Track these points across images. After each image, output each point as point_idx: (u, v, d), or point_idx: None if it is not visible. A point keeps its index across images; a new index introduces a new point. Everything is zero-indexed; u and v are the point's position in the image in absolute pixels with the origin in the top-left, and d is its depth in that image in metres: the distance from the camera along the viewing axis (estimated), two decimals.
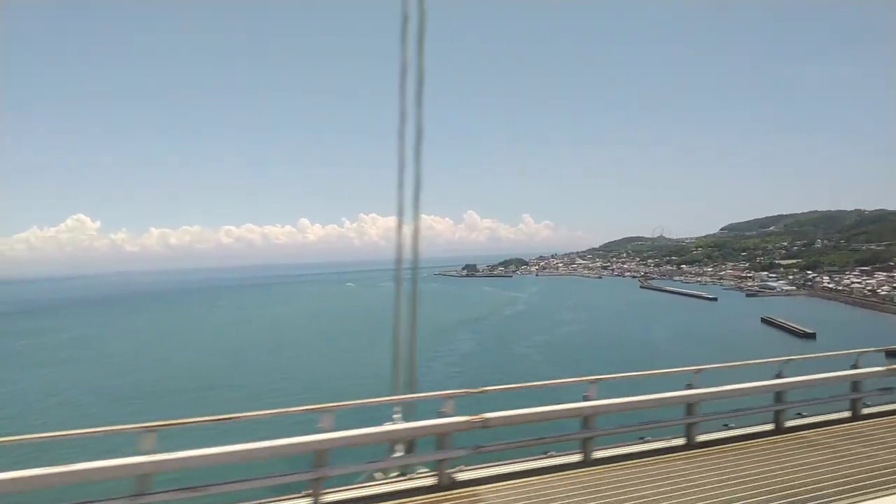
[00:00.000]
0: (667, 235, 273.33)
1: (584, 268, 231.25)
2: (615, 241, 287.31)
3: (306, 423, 6.74)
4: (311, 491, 6.53)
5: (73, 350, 75.31)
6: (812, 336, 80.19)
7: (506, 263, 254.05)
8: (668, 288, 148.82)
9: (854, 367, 10.29)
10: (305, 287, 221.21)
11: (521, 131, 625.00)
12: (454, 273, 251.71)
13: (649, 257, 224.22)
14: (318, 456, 6.53)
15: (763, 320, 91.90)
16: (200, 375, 54.68)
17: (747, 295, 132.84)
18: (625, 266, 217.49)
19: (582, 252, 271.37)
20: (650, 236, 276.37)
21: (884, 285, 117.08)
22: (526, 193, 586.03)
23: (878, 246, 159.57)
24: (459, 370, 60.68)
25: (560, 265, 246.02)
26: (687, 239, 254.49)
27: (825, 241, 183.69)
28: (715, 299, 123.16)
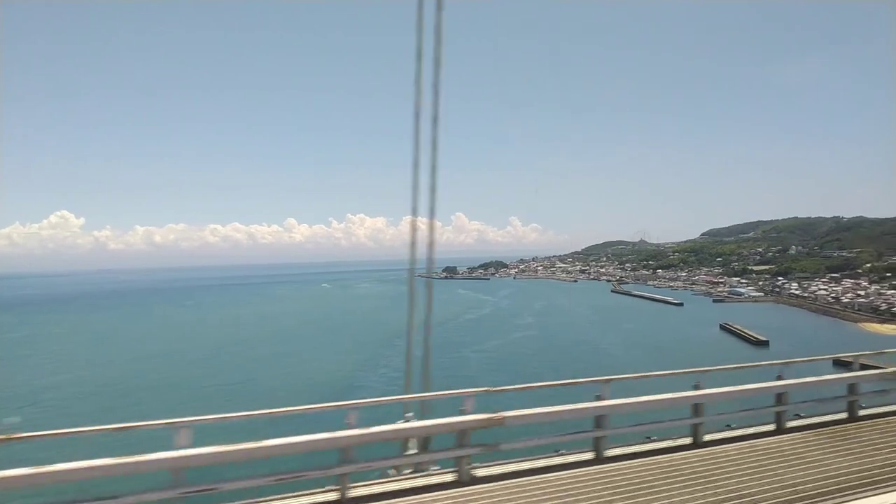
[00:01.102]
0: (648, 240, 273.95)
1: (562, 271, 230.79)
2: (597, 244, 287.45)
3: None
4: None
5: (10, 350, 73.53)
6: (765, 344, 79.67)
7: (486, 266, 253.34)
8: (637, 292, 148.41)
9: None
10: (281, 287, 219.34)
11: (510, 135, 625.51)
12: (433, 276, 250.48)
13: (628, 261, 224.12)
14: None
15: (722, 327, 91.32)
16: (120, 379, 53.14)
17: (714, 300, 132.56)
18: (602, 270, 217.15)
19: (563, 255, 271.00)
20: (632, 241, 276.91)
21: (848, 293, 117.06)
22: (514, 197, 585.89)
23: (850, 253, 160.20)
24: (401, 375, 59.37)
25: (539, 268, 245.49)
26: (668, 244, 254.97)
27: (799, 248, 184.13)
28: (681, 304, 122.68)
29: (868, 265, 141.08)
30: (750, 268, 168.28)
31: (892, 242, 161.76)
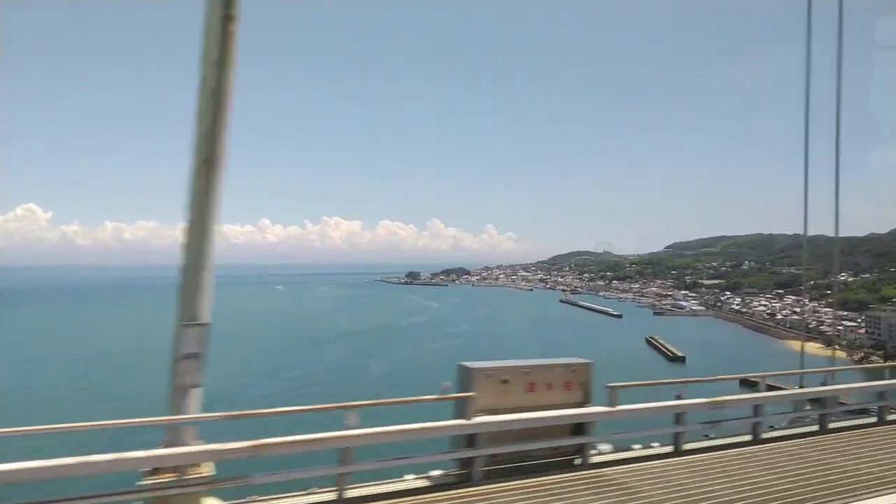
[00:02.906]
0: (613, 251, 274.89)
1: (523, 280, 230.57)
2: (562, 254, 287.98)
3: None
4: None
5: None
6: (682, 359, 79.27)
7: (447, 272, 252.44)
8: (581, 303, 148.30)
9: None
10: (237, 289, 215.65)
11: (488, 143, 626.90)
12: (395, 280, 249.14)
13: (588, 272, 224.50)
14: None
15: (647, 340, 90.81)
16: None
17: (655, 313, 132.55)
18: (560, 280, 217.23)
19: (527, 264, 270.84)
20: (596, 251, 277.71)
21: (785, 309, 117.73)
22: (490, 205, 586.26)
23: (798, 270, 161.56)
24: (294, 386, 57.38)
25: (501, 276, 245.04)
26: (631, 255, 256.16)
27: (753, 263, 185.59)
28: (619, 316, 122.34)
29: (811, 282, 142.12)
30: (701, 282, 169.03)
31: (842, 260, 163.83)
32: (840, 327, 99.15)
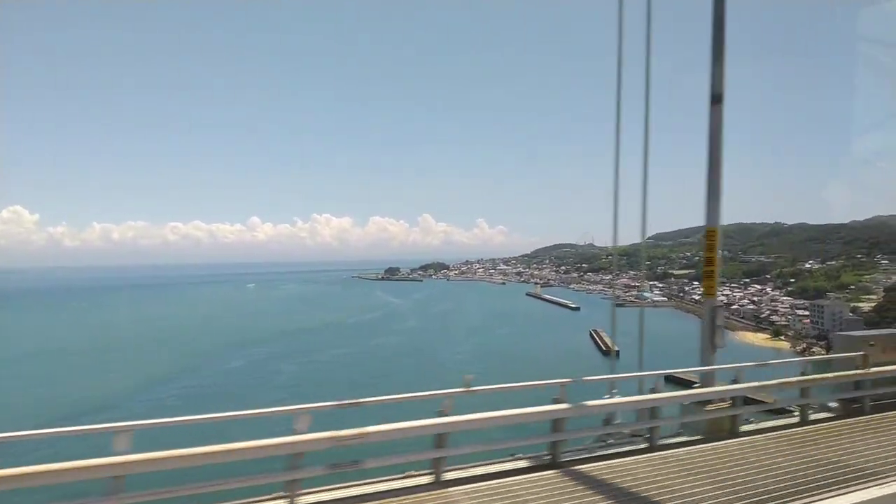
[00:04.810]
0: (596, 243, 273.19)
1: (501, 273, 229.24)
2: (545, 247, 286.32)
3: None
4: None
5: None
6: (616, 354, 77.57)
7: (425, 267, 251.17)
8: (544, 296, 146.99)
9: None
10: (209, 287, 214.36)
11: (478, 139, 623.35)
12: (373, 276, 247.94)
13: (565, 264, 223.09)
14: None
15: (590, 334, 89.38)
16: None
17: (616, 305, 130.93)
18: (537, 273, 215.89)
19: (509, 258, 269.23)
20: (578, 243, 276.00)
21: (744, 299, 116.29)
22: (482, 199, 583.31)
23: (767, 258, 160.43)
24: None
25: (480, 270, 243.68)
26: (615, 247, 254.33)
27: (725, 252, 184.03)
28: (577, 309, 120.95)
29: (776, 271, 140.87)
30: (670, 272, 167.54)
31: (813, 248, 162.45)
32: (791, 316, 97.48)
